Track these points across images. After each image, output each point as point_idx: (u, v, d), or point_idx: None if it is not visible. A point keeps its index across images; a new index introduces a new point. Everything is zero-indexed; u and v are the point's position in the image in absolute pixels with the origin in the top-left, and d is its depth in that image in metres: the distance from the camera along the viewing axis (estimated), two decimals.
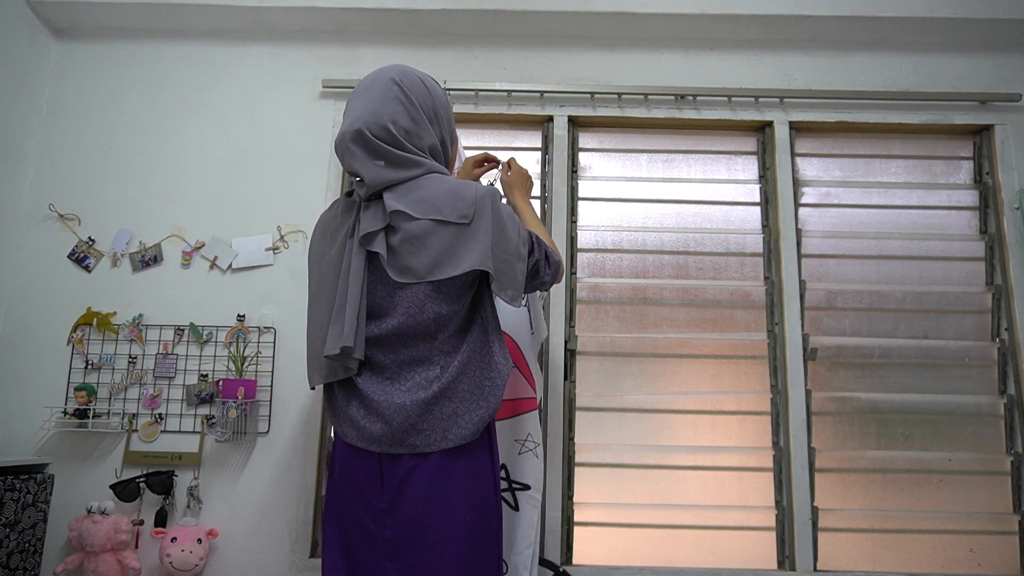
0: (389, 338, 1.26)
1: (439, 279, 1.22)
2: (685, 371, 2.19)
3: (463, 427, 1.23)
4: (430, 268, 1.22)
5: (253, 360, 2.08)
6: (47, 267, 2.17)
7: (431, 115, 1.32)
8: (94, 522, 1.89)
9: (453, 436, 1.22)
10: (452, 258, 1.21)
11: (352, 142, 1.27)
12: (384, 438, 1.24)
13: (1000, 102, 2.24)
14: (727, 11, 2.19)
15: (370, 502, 1.25)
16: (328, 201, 2.21)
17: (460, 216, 1.22)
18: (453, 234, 1.22)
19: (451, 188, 1.25)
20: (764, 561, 2.07)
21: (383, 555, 1.22)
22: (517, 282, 1.27)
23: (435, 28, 2.29)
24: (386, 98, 1.28)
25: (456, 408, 1.23)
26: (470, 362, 1.26)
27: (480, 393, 1.25)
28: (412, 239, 1.22)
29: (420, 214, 1.22)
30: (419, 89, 1.32)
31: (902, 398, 2.16)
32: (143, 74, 2.32)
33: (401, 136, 1.27)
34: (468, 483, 1.25)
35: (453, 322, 1.26)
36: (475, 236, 1.22)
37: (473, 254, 1.21)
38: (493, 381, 1.26)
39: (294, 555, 1.99)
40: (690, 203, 2.30)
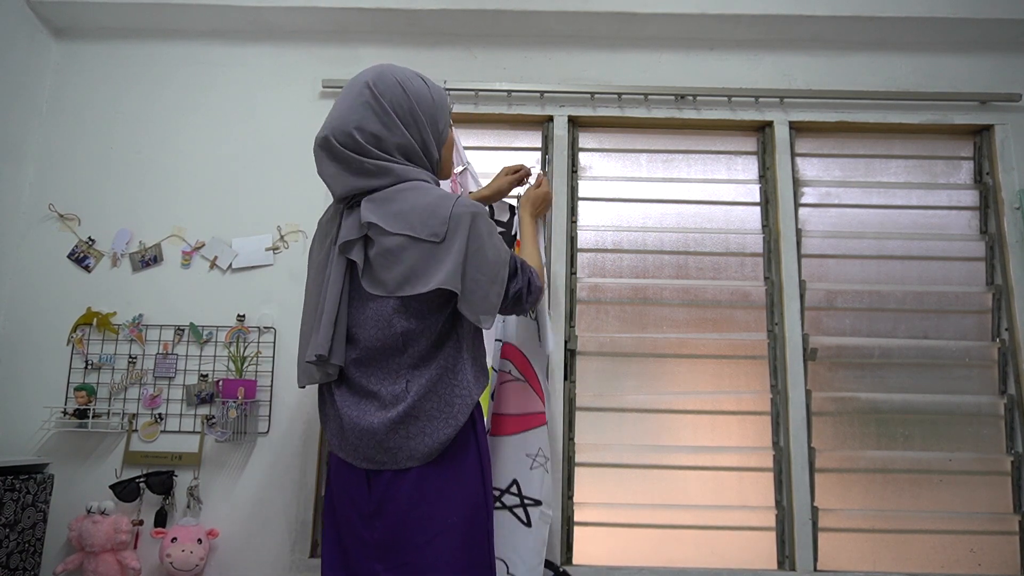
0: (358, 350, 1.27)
1: (407, 295, 1.21)
2: (685, 371, 2.19)
3: (428, 445, 1.22)
4: (399, 284, 1.21)
5: (253, 360, 2.08)
6: (47, 267, 2.17)
7: (406, 118, 1.30)
8: (94, 522, 1.89)
9: (419, 455, 1.22)
10: (421, 275, 1.20)
11: (320, 148, 1.29)
12: (357, 454, 1.26)
13: (1000, 102, 2.24)
14: (727, 11, 2.19)
15: (359, 505, 1.26)
16: (328, 202, 2.20)
17: (431, 234, 1.20)
18: (425, 251, 1.21)
19: (428, 204, 1.23)
20: (764, 561, 2.07)
21: (372, 557, 1.23)
22: (488, 304, 1.24)
23: (435, 28, 2.29)
24: (356, 103, 1.28)
25: (423, 427, 1.23)
26: (440, 380, 1.25)
27: (449, 411, 1.24)
28: (385, 253, 1.22)
29: (394, 229, 1.22)
30: (393, 92, 1.29)
31: (902, 398, 2.16)
32: (143, 74, 2.32)
33: (368, 142, 1.26)
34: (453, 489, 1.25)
35: (424, 338, 1.24)
36: (447, 255, 1.20)
37: (440, 273, 1.19)
38: (463, 399, 1.25)
39: (294, 555, 1.99)
40: (690, 203, 2.30)
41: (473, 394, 1.27)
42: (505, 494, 1.59)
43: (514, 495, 1.58)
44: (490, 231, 1.27)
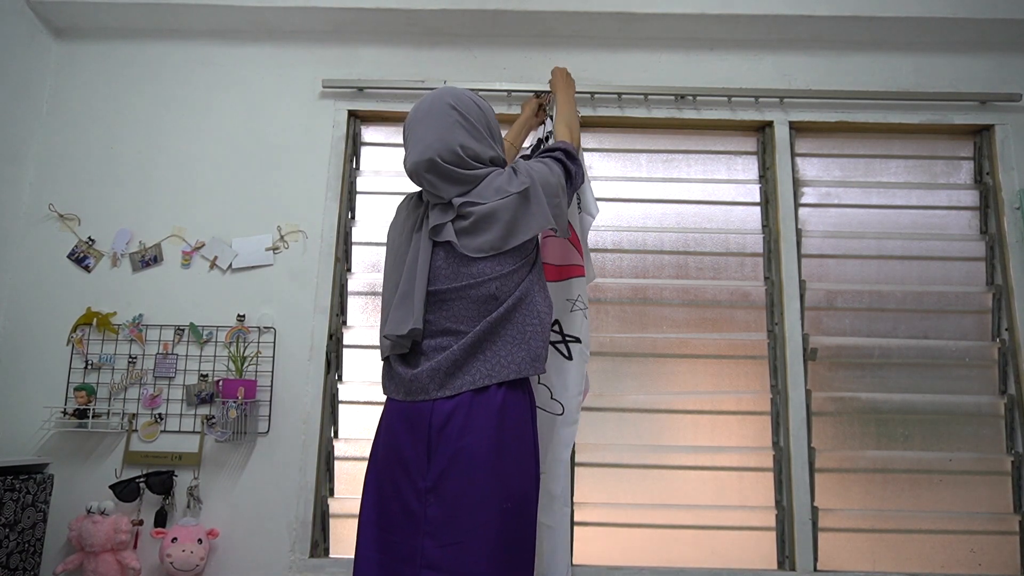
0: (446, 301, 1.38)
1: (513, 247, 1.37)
2: (685, 371, 2.19)
3: (506, 366, 1.33)
4: (504, 238, 1.37)
5: (253, 360, 2.08)
6: (47, 267, 2.17)
7: (488, 130, 1.47)
8: (94, 522, 1.89)
9: (497, 374, 1.33)
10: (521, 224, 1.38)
11: (427, 171, 1.40)
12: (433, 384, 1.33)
13: (1000, 102, 2.24)
14: (727, 11, 2.19)
15: (415, 480, 1.30)
16: (328, 201, 2.22)
17: (519, 185, 1.39)
18: (516, 202, 1.37)
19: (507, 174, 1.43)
20: (764, 561, 2.07)
21: (423, 532, 1.27)
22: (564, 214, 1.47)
23: (435, 28, 2.29)
24: (449, 123, 1.41)
25: (499, 351, 1.34)
26: (515, 308, 1.37)
27: (523, 337, 1.36)
28: (484, 217, 1.37)
29: (487, 198, 1.38)
30: (474, 110, 1.45)
31: (902, 398, 2.16)
32: (143, 74, 2.32)
33: (468, 157, 1.41)
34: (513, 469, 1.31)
35: (511, 280, 1.39)
36: (533, 201, 1.39)
37: (538, 217, 1.38)
38: (534, 327, 1.38)
39: (294, 555, 1.99)
40: (690, 203, 2.30)
41: (545, 321, 1.41)
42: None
43: (556, 332, 1.76)
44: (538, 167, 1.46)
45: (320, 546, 2.04)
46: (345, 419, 2.16)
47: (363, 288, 2.25)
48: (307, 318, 2.14)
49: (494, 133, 1.50)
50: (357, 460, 2.12)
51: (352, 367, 2.19)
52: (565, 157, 1.53)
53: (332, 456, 2.12)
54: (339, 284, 2.20)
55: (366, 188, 2.32)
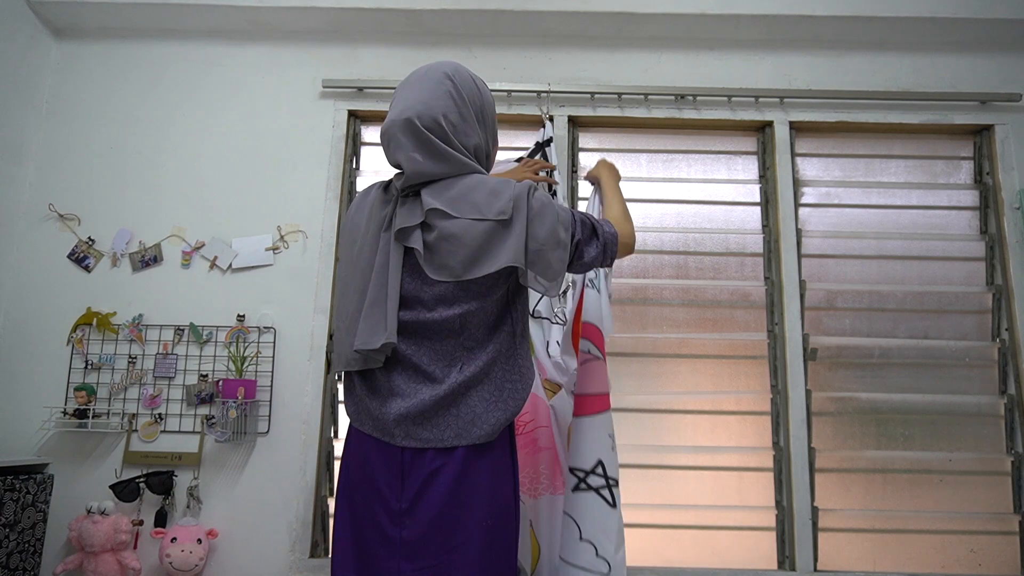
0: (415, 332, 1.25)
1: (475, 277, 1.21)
2: (685, 371, 2.19)
3: (481, 427, 1.22)
4: (466, 266, 1.21)
5: (253, 360, 2.08)
6: (47, 267, 2.18)
7: (479, 115, 1.33)
8: (94, 522, 1.89)
9: (470, 435, 1.21)
10: (488, 255, 1.21)
11: (401, 131, 1.26)
12: (400, 431, 1.23)
13: (1000, 102, 2.24)
14: (727, 11, 2.19)
15: (388, 501, 1.23)
16: (328, 201, 2.21)
17: (499, 213, 1.21)
18: (490, 231, 1.21)
19: (491, 187, 1.25)
20: (764, 561, 2.07)
21: (399, 555, 1.20)
22: (552, 271, 1.24)
23: (435, 28, 2.29)
24: (439, 91, 1.28)
25: (475, 408, 1.22)
26: (495, 363, 1.25)
27: (500, 395, 1.24)
28: (450, 237, 1.21)
29: (459, 213, 1.22)
30: (470, 87, 1.32)
31: (902, 398, 2.16)
32: (143, 74, 2.32)
33: (449, 131, 1.27)
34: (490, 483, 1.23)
35: (480, 319, 1.24)
36: (511, 232, 1.21)
37: (508, 251, 1.20)
38: (515, 384, 1.26)
39: (294, 555, 1.99)
40: (690, 203, 2.30)
41: (527, 381, 1.28)
42: (590, 475, 1.53)
43: (600, 476, 1.52)
44: (545, 201, 1.27)
45: (320, 546, 2.04)
46: (345, 419, 2.15)
47: None
48: (307, 318, 2.14)
49: (487, 122, 1.35)
50: None
51: None
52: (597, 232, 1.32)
53: (332, 456, 2.12)
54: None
55: None
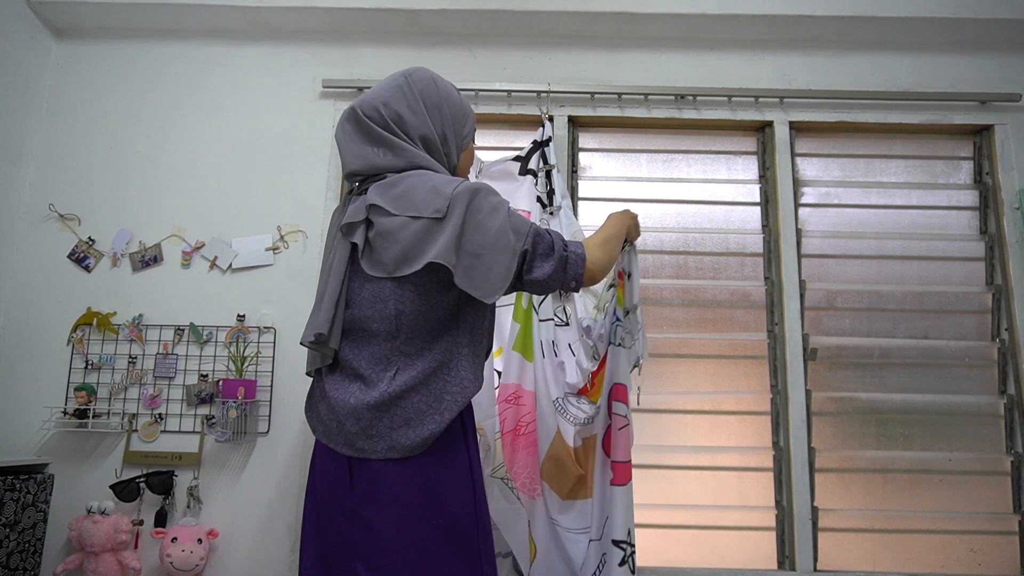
0: (354, 332, 1.26)
1: (404, 275, 1.20)
2: (685, 371, 2.19)
3: (411, 438, 1.19)
4: (397, 264, 1.20)
5: (253, 360, 2.08)
6: (47, 267, 2.17)
7: (432, 109, 1.31)
8: (94, 522, 1.89)
9: (401, 447, 1.18)
10: (417, 253, 1.18)
11: (346, 120, 1.31)
12: (339, 438, 1.23)
13: (1000, 102, 2.24)
14: (727, 11, 2.19)
15: (340, 499, 1.23)
16: (328, 201, 2.22)
17: (434, 211, 1.19)
18: (424, 229, 1.19)
19: (433, 185, 1.22)
20: (764, 561, 2.07)
21: (353, 553, 1.20)
22: (492, 277, 1.19)
23: (435, 28, 2.29)
24: (388, 86, 1.32)
25: (409, 419, 1.19)
26: (433, 374, 1.21)
27: (437, 407, 1.20)
28: (385, 234, 1.21)
29: (397, 210, 1.21)
30: (426, 84, 1.32)
31: (902, 398, 2.16)
32: (143, 74, 2.32)
33: (391, 118, 1.28)
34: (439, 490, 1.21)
35: (418, 323, 1.22)
36: (443, 230, 1.18)
37: (435, 248, 1.17)
38: (454, 397, 1.21)
39: (294, 555, 1.99)
40: (690, 203, 2.30)
41: (467, 393, 1.23)
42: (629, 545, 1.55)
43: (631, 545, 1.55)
44: (495, 205, 1.23)
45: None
46: None
47: None
48: (307, 318, 2.13)
49: (445, 117, 1.32)
50: None
51: None
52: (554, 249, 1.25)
53: None
54: None
55: None
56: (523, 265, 1.24)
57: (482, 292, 1.19)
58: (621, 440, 1.59)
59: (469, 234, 1.19)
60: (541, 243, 1.25)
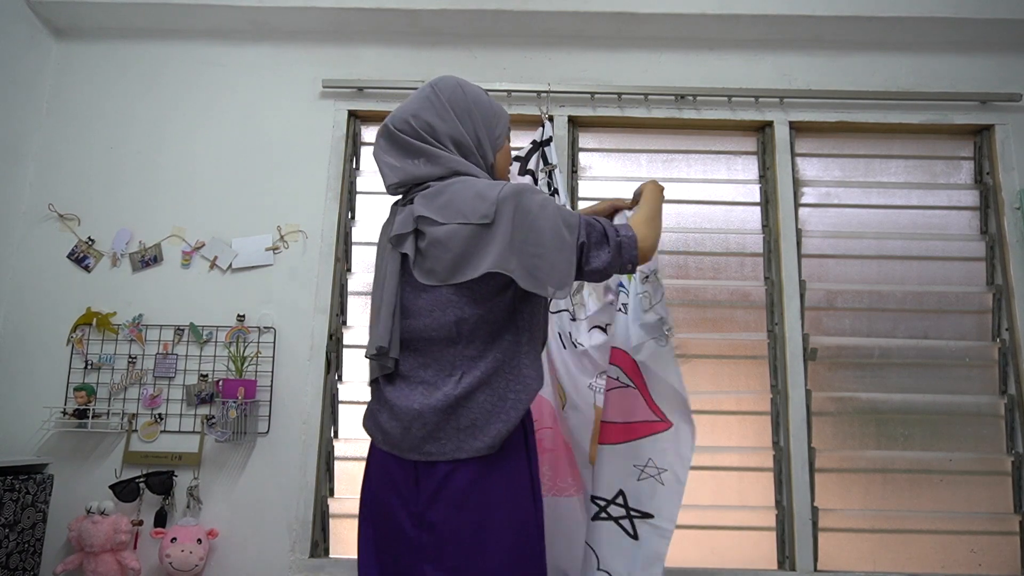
0: (414, 341, 1.27)
1: (459, 282, 1.22)
2: (685, 371, 2.14)
3: (481, 440, 1.21)
4: (450, 271, 1.22)
5: (253, 360, 2.08)
6: (47, 267, 2.17)
7: (462, 114, 1.34)
8: (94, 522, 1.89)
9: (470, 449, 1.21)
10: (471, 260, 1.21)
11: (380, 137, 1.35)
12: (404, 443, 1.24)
13: (1000, 102, 2.24)
14: (727, 11, 2.19)
15: (408, 503, 1.24)
16: (328, 201, 2.22)
17: (481, 216, 1.21)
18: (474, 235, 1.21)
19: (477, 190, 1.24)
20: (764, 561, 2.07)
21: (422, 558, 1.21)
22: (560, 273, 1.20)
23: (435, 28, 2.29)
24: (416, 98, 1.35)
25: (475, 420, 1.21)
26: (496, 374, 1.23)
27: (503, 406, 1.22)
28: (436, 243, 1.23)
29: (444, 219, 1.23)
30: (453, 90, 1.36)
31: (902, 398, 2.16)
32: (143, 74, 2.32)
33: (423, 129, 1.31)
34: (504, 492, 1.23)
35: (478, 327, 1.24)
36: (495, 237, 1.20)
37: (491, 256, 1.19)
38: (518, 395, 1.24)
39: (294, 555, 1.99)
40: (690, 203, 2.30)
41: (531, 391, 1.26)
42: (611, 504, 1.54)
43: (620, 506, 1.53)
44: (542, 203, 1.23)
45: (320, 546, 2.04)
46: (345, 419, 2.15)
47: (363, 288, 2.25)
48: (307, 318, 2.14)
49: (476, 119, 1.35)
50: (357, 460, 2.12)
51: (352, 367, 2.19)
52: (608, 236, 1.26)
53: (332, 456, 2.12)
54: (339, 284, 2.20)
55: (366, 188, 2.32)
56: (581, 256, 1.25)
57: (552, 289, 1.20)
58: (612, 400, 1.58)
59: (524, 236, 1.20)
60: (594, 232, 1.26)
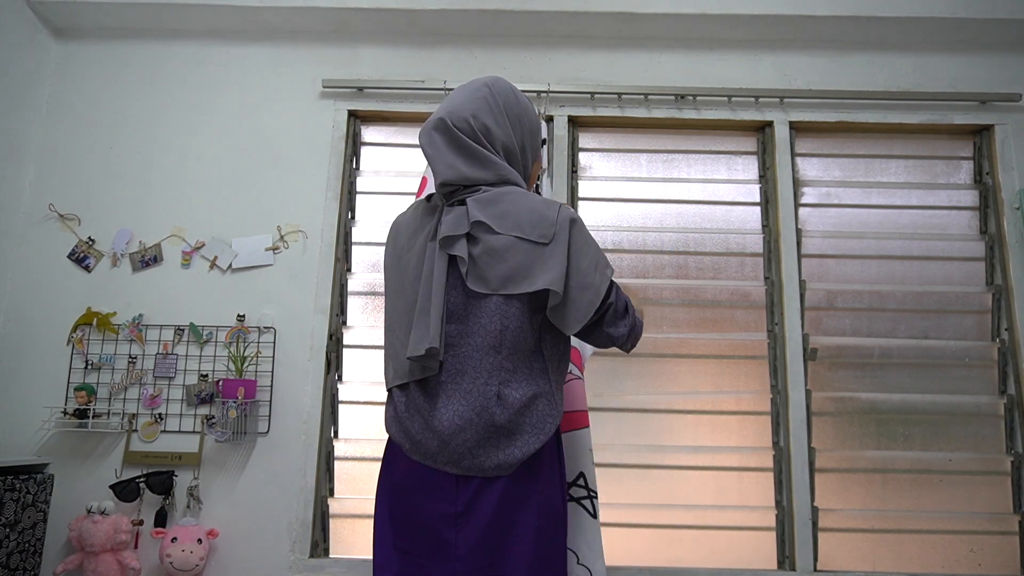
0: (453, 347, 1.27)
1: (511, 293, 1.23)
2: (685, 371, 2.19)
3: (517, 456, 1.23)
4: (503, 282, 1.23)
5: (253, 360, 2.08)
6: (47, 267, 2.17)
7: (515, 120, 1.35)
8: (94, 522, 1.89)
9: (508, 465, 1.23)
10: (527, 275, 1.23)
11: (434, 130, 1.32)
12: (442, 457, 1.24)
13: (1000, 102, 2.24)
14: (727, 11, 2.19)
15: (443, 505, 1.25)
16: (328, 201, 2.21)
17: (540, 235, 1.24)
18: (530, 252, 1.23)
19: (534, 207, 1.26)
20: (764, 561, 2.07)
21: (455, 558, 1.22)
22: (579, 312, 1.23)
23: (435, 28, 2.29)
24: (474, 96, 1.34)
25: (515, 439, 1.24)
26: (538, 397, 1.26)
27: (541, 427, 1.25)
28: (491, 251, 1.24)
29: (503, 229, 1.24)
30: (507, 94, 1.36)
31: (902, 398, 2.16)
32: (143, 74, 2.32)
33: (479, 131, 1.31)
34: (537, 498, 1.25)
35: (519, 340, 1.25)
36: (552, 257, 1.23)
37: (548, 274, 1.22)
38: (554, 418, 1.27)
39: (294, 555, 1.99)
40: (690, 203, 2.30)
41: (561, 411, 1.30)
42: (573, 486, 1.62)
43: (581, 487, 1.61)
44: (587, 240, 1.28)
45: (320, 546, 2.05)
46: (345, 419, 2.16)
47: (363, 288, 2.25)
48: (307, 318, 2.14)
49: (524, 130, 1.37)
50: (357, 460, 2.12)
51: (352, 367, 2.19)
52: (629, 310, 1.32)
53: (332, 456, 2.12)
54: (339, 284, 2.20)
55: (366, 188, 2.32)
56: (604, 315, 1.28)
57: (564, 324, 1.25)
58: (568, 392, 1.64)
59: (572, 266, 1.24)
60: (620, 299, 1.30)
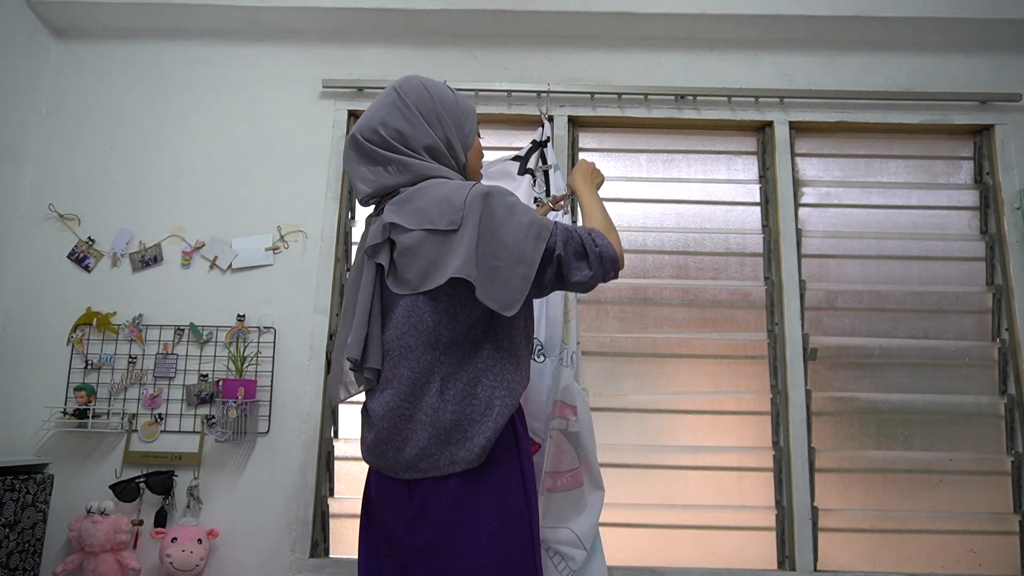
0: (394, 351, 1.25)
1: (429, 289, 1.19)
2: (685, 371, 2.19)
3: (469, 450, 1.19)
4: (420, 279, 1.20)
5: (253, 360, 2.08)
6: (47, 267, 2.17)
7: (430, 116, 1.31)
8: (94, 522, 1.89)
9: (460, 460, 1.19)
10: (439, 267, 1.18)
11: (348, 148, 1.33)
12: (396, 465, 1.23)
13: (1000, 102, 2.24)
14: (727, 11, 2.19)
15: (402, 511, 1.24)
16: (328, 201, 2.22)
17: (449, 223, 1.18)
18: (442, 242, 1.18)
19: (445, 194, 1.21)
20: (764, 561, 2.07)
21: (416, 561, 1.21)
22: (510, 290, 1.16)
23: (435, 28, 2.29)
24: (383, 104, 1.32)
25: (464, 431, 1.20)
26: (479, 382, 1.21)
27: (489, 414, 1.20)
28: (406, 251, 1.22)
29: (413, 225, 1.21)
30: (417, 92, 1.32)
31: (902, 398, 2.16)
32: (143, 74, 2.32)
33: (392, 137, 1.28)
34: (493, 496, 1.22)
35: (456, 334, 1.22)
36: (461, 242, 1.16)
37: (455, 262, 1.15)
38: (503, 401, 1.21)
39: (294, 555, 1.99)
40: (690, 203, 2.30)
41: (515, 393, 1.24)
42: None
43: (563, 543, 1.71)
44: (510, 208, 1.20)
45: (320, 546, 2.05)
46: (345, 419, 2.16)
47: None
48: (307, 318, 2.14)
49: (444, 121, 1.32)
50: (357, 460, 2.12)
51: None
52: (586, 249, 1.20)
53: (332, 456, 2.12)
54: (339, 284, 2.20)
55: None
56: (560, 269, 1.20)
57: (500, 305, 1.16)
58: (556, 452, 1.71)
59: (486, 244, 1.17)
60: (571, 243, 1.20)
